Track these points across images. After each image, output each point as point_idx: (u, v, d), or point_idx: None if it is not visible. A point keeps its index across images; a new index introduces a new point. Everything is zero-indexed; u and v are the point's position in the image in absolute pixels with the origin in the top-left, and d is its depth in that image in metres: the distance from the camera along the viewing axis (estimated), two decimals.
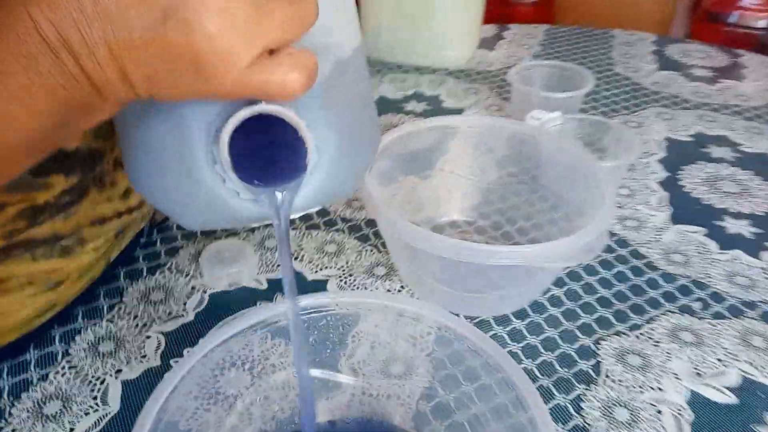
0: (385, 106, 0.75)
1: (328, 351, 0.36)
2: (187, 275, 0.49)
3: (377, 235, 0.54)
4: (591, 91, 0.79)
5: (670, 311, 0.46)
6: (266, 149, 0.26)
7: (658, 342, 0.44)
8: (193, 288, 0.48)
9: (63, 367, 0.41)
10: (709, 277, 0.50)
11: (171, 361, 0.42)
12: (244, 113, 0.24)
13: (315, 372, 0.36)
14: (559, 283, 0.49)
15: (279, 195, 0.26)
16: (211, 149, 0.25)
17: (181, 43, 0.21)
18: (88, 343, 0.43)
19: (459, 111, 0.75)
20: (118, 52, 0.21)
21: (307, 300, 0.34)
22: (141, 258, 0.51)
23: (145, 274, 0.49)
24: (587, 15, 1.23)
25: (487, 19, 0.91)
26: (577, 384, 0.41)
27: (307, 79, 0.23)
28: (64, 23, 0.21)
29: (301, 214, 0.31)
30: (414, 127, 0.52)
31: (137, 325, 0.45)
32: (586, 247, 0.38)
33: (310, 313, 0.34)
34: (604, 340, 0.44)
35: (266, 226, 0.55)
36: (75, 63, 0.21)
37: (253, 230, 0.54)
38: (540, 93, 0.66)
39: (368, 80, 0.32)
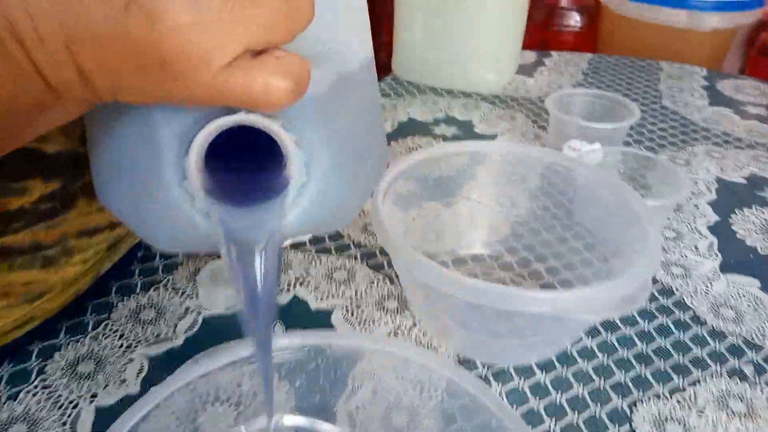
0: (413, 128, 0.72)
1: (317, 397, 0.32)
2: (182, 294, 0.45)
3: (392, 264, 0.49)
4: (635, 123, 0.73)
5: (717, 374, 0.41)
6: (246, 168, 0.22)
7: (702, 410, 0.38)
8: (187, 309, 0.44)
9: (36, 386, 0.38)
10: (764, 336, 0.44)
11: (152, 389, 0.38)
12: (219, 123, 0.20)
13: (299, 420, 0.32)
14: (591, 332, 0.44)
15: (253, 221, 0.22)
16: (183, 163, 0.22)
17: (145, 37, 0.17)
18: (66, 362, 0.39)
19: (492, 137, 0.71)
20: (75, 46, 0.18)
21: (293, 339, 0.30)
22: (137, 273, 0.47)
23: (138, 290, 0.46)
24: (633, 46, 1.18)
25: (526, 44, 0.87)
26: None
27: (295, 88, 0.19)
28: (13, 9, 0.17)
29: (290, 241, 0.27)
30: (440, 150, 0.48)
31: (122, 345, 0.41)
32: (629, 297, 0.32)
33: (297, 353, 0.30)
34: (640, 403, 0.38)
35: None
36: (24, 56, 0.18)
37: None
38: (580, 122, 0.61)
39: (376, 97, 0.28)
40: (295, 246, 0.51)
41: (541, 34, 1.18)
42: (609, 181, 0.45)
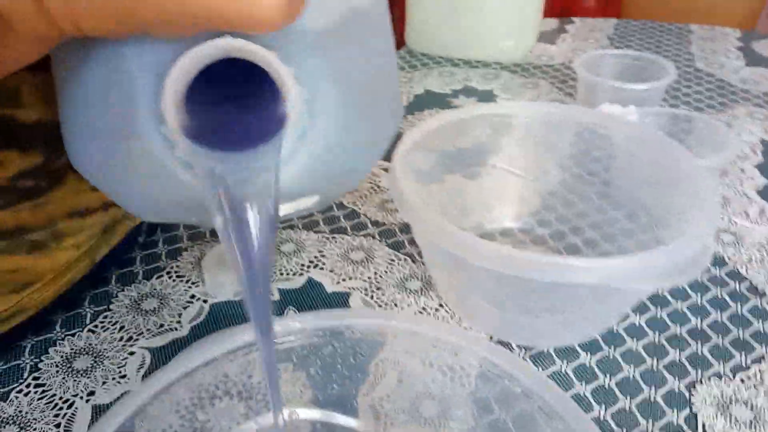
0: (431, 100, 0.67)
1: (335, 387, 0.28)
2: (187, 281, 0.42)
3: (413, 242, 0.45)
4: (670, 86, 0.68)
5: None
6: (236, 109, 0.18)
7: None
8: (192, 297, 0.40)
9: (28, 385, 0.34)
10: None
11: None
12: (198, 51, 0.16)
13: (315, 414, 0.28)
14: (639, 308, 0.39)
15: (244, 169, 0.18)
16: (159, 104, 0.18)
17: None
18: (62, 357, 0.36)
19: None
20: None
21: (306, 320, 0.26)
22: (138, 260, 0.44)
23: (140, 278, 0.42)
24: (658, 11, 1.12)
25: (546, 13, 0.82)
26: None
27: (287, 6, 0.15)
28: None
29: (294, 210, 0.22)
30: (462, 115, 0.44)
31: (122, 338, 0.37)
32: (689, 262, 0.28)
33: (310, 337, 0.26)
34: (699, 384, 0.34)
35: (284, 223, 0.47)
36: None
37: None
38: (612, 84, 0.56)
39: (390, 40, 0.23)
40: (308, 226, 0.47)
41: (563, 2, 1.12)
42: (653, 139, 0.41)
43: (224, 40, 0.17)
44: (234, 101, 0.18)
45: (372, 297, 0.40)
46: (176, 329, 0.38)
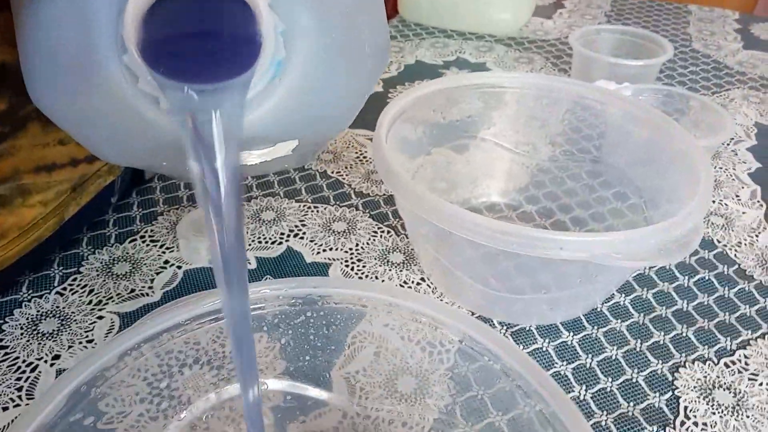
0: (421, 71, 0.65)
1: (307, 358, 0.27)
2: (161, 246, 0.40)
3: (397, 214, 0.44)
4: (665, 66, 0.67)
5: None
6: (197, 36, 0.16)
7: (755, 375, 0.33)
8: (166, 262, 0.39)
9: None
10: None
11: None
12: None
13: (286, 385, 0.27)
14: (624, 288, 0.38)
15: (212, 104, 0.16)
16: (120, 32, 0.16)
17: None
18: (27, 319, 0.35)
19: None
20: None
21: (276, 286, 0.25)
22: (111, 223, 0.42)
23: (112, 241, 0.41)
24: None
25: None
26: (646, 424, 0.30)
27: None
28: None
29: (270, 157, 0.21)
30: (450, 83, 0.42)
31: (91, 301, 0.36)
32: (682, 239, 0.27)
33: (282, 305, 0.25)
34: (683, 367, 0.33)
35: (265, 191, 0.45)
36: None
37: (249, 199, 0.45)
38: (608, 59, 0.55)
39: None
40: (289, 194, 0.45)
41: None
42: (649, 116, 0.39)
43: None
44: (202, 28, 0.16)
45: (353, 269, 0.39)
46: (148, 294, 0.36)
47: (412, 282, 0.38)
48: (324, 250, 0.40)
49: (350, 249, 0.41)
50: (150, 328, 0.23)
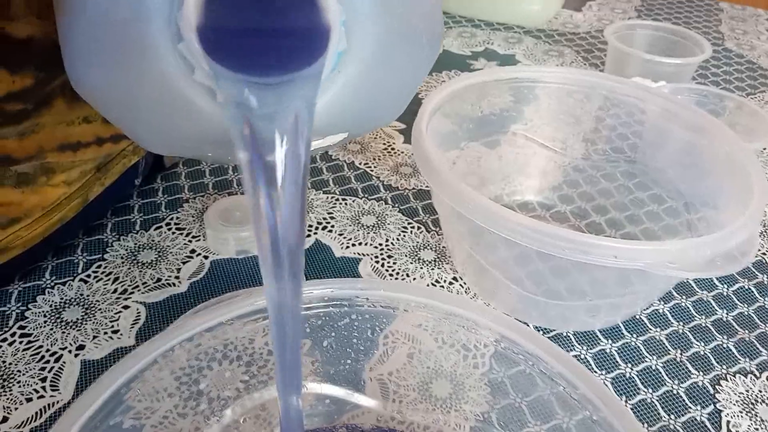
0: (449, 61, 0.64)
1: (349, 361, 0.26)
2: (188, 235, 0.39)
3: (428, 209, 0.43)
4: (699, 65, 0.65)
5: None
6: (263, 23, 0.15)
7: None
8: (192, 252, 0.38)
9: (13, 334, 0.32)
10: None
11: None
12: None
13: (327, 388, 0.26)
14: (663, 295, 0.37)
15: (276, 98, 0.15)
16: (176, 18, 0.15)
17: None
18: (51, 306, 0.34)
19: None
20: None
21: (325, 288, 0.24)
22: (136, 209, 0.41)
23: (138, 228, 0.40)
24: None
25: None
26: None
27: None
28: None
29: (317, 147, 0.20)
30: (483, 78, 0.41)
31: (116, 290, 0.35)
32: (738, 250, 0.26)
33: (328, 306, 0.24)
34: (724, 380, 0.32)
35: None
36: None
37: None
38: (644, 56, 0.53)
39: None
40: (317, 185, 0.44)
41: None
42: (690, 115, 0.38)
43: None
44: (267, 16, 0.15)
45: (383, 265, 0.38)
46: (174, 284, 0.36)
47: (444, 281, 0.37)
48: (353, 245, 0.39)
49: (380, 244, 0.39)
50: (188, 330, 0.22)
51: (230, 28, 0.15)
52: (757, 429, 0.30)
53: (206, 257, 0.38)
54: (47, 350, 0.32)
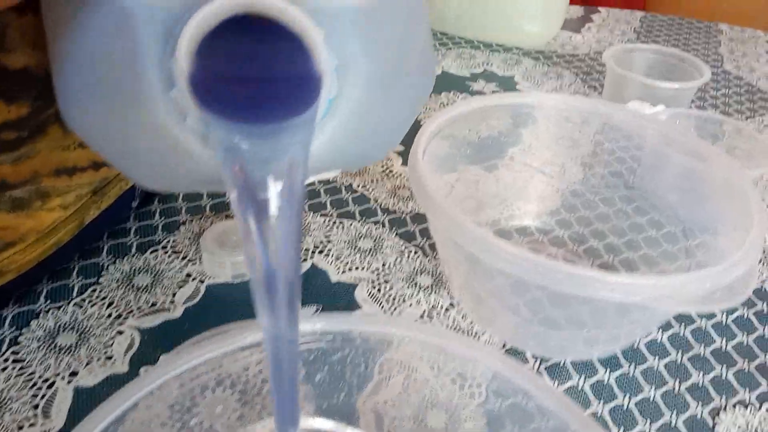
0: (448, 82, 0.64)
1: (343, 395, 0.25)
2: (184, 258, 0.39)
3: (425, 233, 0.43)
4: (699, 87, 0.65)
5: None
6: (260, 73, 0.15)
7: None
8: (188, 276, 0.38)
9: (6, 360, 0.32)
10: None
11: (142, 370, 0.32)
12: (219, 5, 0.14)
13: (320, 422, 0.26)
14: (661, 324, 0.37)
15: (269, 145, 0.15)
16: (169, 65, 0.15)
17: None
18: (45, 331, 0.34)
19: None
20: None
21: (314, 323, 0.23)
22: (132, 232, 0.41)
23: (134, 251, 0.39)
24: (686, 6, 1.08)
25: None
26: None
27: None
28: None
29: (311, 180, 0.20)
30: (481, 103, 0.41)
31: (110, 315, 0.35)
32: (737, 283, 0.26)
33: (320, 341, 0.24)
34: (723, 411, 0.32)
35: None
36: None
37: None
38: (643, 80, 0.53)
39: (425, 10, 0.21)
40: (314, 208, 0.44)
41: None
42: (687, 141, 0.38)
43: None
44: (256, 65, 0.15)
45: (380, 290, 0.38)
46: (169, 309, 0.35)
47: (441, 307, 0.37)
48: (350, 269, 0.39)
49: (377, 269, 0.39)
50: (182, 364, 0.22)
51: (222, 76, 0.15)
52: None
53: (202, 281, 0.37)
54: (40, 376, 0.31)
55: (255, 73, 0.15)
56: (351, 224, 0.43)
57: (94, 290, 0.36)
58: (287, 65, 0.15)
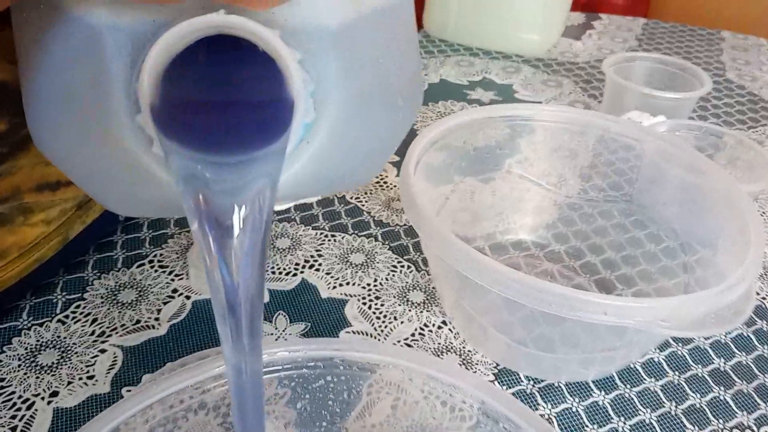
0: (446, 91, 0.63)
1: (324, 423, 0.25)
2: (170, 273, 0.38)
3: (418, 247, 0.42)
4: (699, 98, 0.64)
5: None
6: (224, 96, 0.14)
7: None
8: (174, 291, 0.37)
9: None
10: None
11: (123, 390, 0.31)
12: (184, 28, 0.13)
13: None
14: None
15: (235, 176, 0.14)
16: (135, 88, 0.14)
17: None
18: (26, 349, 0.33)
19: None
20: None
21: (296, 348, 0.23)
22: (119, 245, 0.40)
23: (120, 265, 0.39)
24: (689, 13, 1.07)
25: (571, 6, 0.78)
26: None
27: None
28: None
29: (291, 204, 0.19)
30: (478, 115, 0.40)
31: (94, 332, 0.34)
32: (733, 307, 0.25)
33: (302, 368, 0.23)
34: None
35: (281, 215, 0.43)
36: None
37: None
38: (642, 90, 0.53)
39: (414, 34, 0.20)
40: (306, 221, 0.43)
41: None
42: (686, 155, 0.37)
43: (220, 15, 0.13)
44: (222, 90, 0.14)
45: (370, 307, 0.37)
46: (154, 327, 0.35)
47: (433, 325, 0.36)
48: (340, 285, 0.38)
49: (368, 285, 0.38)
50: (160, 392, 0.21)
51: (188, 102, 0.14)
52: None
53: (188, 297, 0.37)
54: (19, 396, 0.31)
55: (224, 98, 0.15)
56: (343, 237, 0.42)
57: (78, 306, 0.36)
58: (257, 90, 0.15)
